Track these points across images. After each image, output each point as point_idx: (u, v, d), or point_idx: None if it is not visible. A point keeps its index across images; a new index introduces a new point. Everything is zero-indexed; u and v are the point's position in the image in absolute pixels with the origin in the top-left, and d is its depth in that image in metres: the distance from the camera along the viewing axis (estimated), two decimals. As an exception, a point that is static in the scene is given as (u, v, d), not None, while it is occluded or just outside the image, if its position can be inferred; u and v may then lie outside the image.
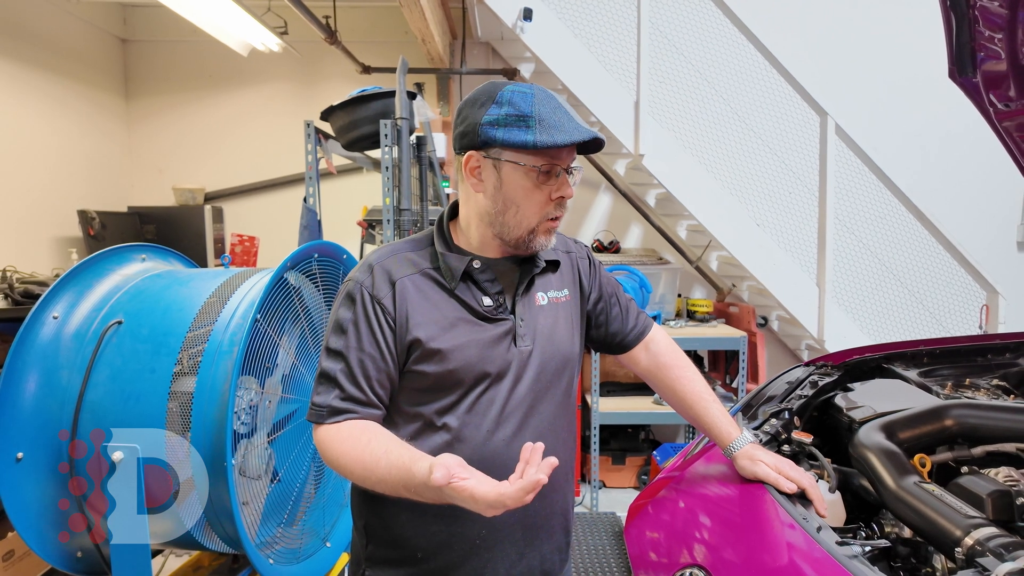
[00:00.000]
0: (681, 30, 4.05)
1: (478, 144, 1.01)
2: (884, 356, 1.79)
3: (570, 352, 1.14)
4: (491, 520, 0.99)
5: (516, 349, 1.06)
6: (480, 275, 1.06)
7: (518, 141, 0.97)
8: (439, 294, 1.05)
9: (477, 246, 1.09)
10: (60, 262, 4.00)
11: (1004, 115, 1.59)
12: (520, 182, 1.01)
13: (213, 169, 4.83)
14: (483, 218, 1.06)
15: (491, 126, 0.99)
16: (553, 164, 1.00)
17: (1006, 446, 1.22)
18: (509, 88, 1.00)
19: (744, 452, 1.19)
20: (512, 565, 1.07)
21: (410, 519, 1.05)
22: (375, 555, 1.09)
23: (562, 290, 1.16)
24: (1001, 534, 0.90)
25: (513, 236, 1.05)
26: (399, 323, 1.02)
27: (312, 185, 2.60)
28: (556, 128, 0.97)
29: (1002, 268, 4.17)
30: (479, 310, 1.05)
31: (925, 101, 4.46)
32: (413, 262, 1.06)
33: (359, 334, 1.01)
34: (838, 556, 0.91)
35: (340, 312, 1.04)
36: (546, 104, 0.99)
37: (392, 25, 4.63)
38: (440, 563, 1.06)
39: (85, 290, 1.57)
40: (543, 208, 1.03)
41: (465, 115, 1.03)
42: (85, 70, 4.38)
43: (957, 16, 1.47)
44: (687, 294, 4.61)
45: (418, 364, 1.02)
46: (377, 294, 1.02)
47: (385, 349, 1.01)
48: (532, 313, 1.09)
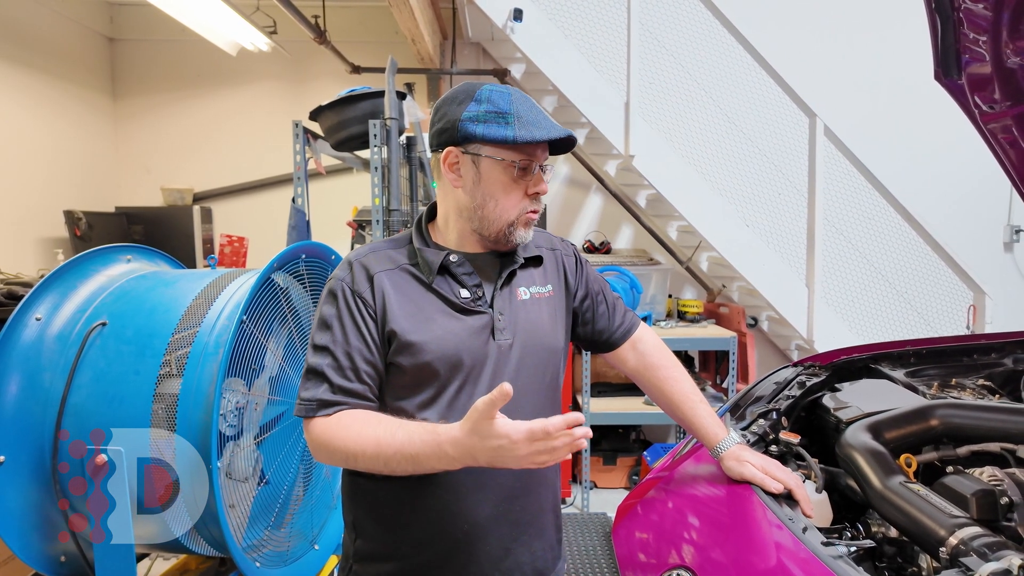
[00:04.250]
0: (671, 31, 4.07)
1: (457, 140, 1.03)
2: (871, 356, 1.80)
3: (553, 345, 1.15)
4: (474, 517, 1.02)
5: (495, 342, 1.06)
6: (457, 268, 1.07)
7: (498, 136, 1.00)
8: (416, 288, 1.06)
9: (455, 242, 1.10)
10: (46, 263, 3.96)
11: (989, 117, 1.60)
12: (499, 177, 1.03)
13: (202, 169, 4.80)
14: (461, 213, 1.08)
15: (471, 122, 1.01)
16: (530, 160, 1.03)
17: (990, 446, 1.23)
18: (487, 87, 1.03)
19: (731, 453, 1.19)
20: (498, 561, 1.07)
21: (395, 515, 1.06)
22: (363, 550, 1.10)
23: (546, 285, 1.16)
24: (985, 534, 0.91)
25: (492, 230, 1.06)
26: (379, 315, 1.03)
27: (300, 185, 2.59)
28: (534, 125, 1.01)
29: (989, 268, 4.21)
30: (456, 302, 1.06)
31: (912, 103, 4.49)
32: (391, 258, 1.08)
33: (344, 328, 1.02)
34: (823, 557, 0.91)
35: (324, 309, 1.05)
36: (523, 103, 1.03)
37: (382, 25, 4.62)
38: (425, 558, 1.06)
39: (69, 291, 1.56)
40: (520, 202, 1.06)
41: (443, 112, 1.05)
42: (71, 69, 4.34)
43: (942, 18, 1.47)
44: (678, 295, 4.63)
45: (395, 357, 1.03)
46: (357, 288, 1.04)
47: (370, 340, 1.03)
48: (513, 307, 1.10)
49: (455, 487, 1.03)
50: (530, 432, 0.84)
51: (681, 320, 4.08)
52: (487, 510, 1.04)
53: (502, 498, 1.07)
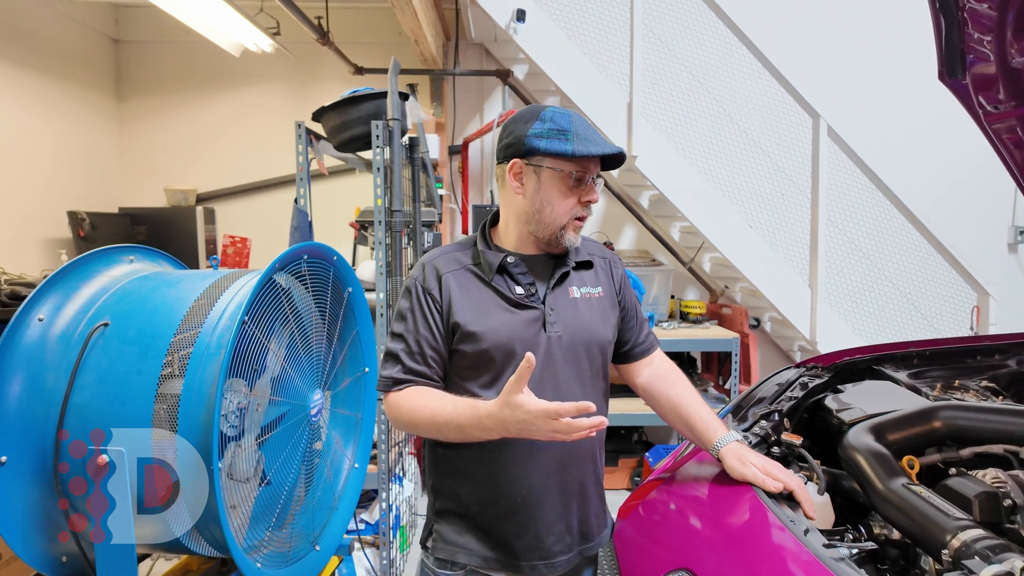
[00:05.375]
0: (674, 32, 4.06)
1: (523, 153, 1.20)
2: (874, 358, 1.79)
3: (602, 338, 1.28)
4: (529, 482, 1.21)
5: (545, 334, 1.21)
6: (514, 268, 1.24)
7: (558, 150, 1.16)
8: (477, 286, 1.23)
9: (514, 244, 1.28)
10: (50, 263, 3.97)
11: (993, 117, 1.59)
12: (557, 185, 1.20)
13: (205, 170, 4.81)
14: (520, 217, 1.25)
15: (536, 138, 1.18)
16: (584, 172, 1.19)
17: (994, 448, 1.23)
18: (551, 109, 1.21)
19: (732, 451, 1.22)
20: (551, 524, 1.23)
21: (465, 477, 1.25)
22: (441, 509, 1.29)
23: (596, 287, 1.31)
24: (988, 536, 0.90)
25: (546, 232, 1.23)
26: (445, 309, 1.22)
27: (303, 186, 2.59)
28: (589, 142, 1.17)
29: (993, 270, 4.19)
30: (512, 297, 1.22)
31: (916, 103, 4.48)
32: (457, 260, 1.26)
33: (415, 319, 1.22)
34: (825, 559, 0.90)
35: (401, 303, 1.26)
36: (580, 123, 1.19)
37: (385, 26, 4.62)
38: (491, 516, 1.23)
39: (71, 292, 1.56)
40: (572, 208, 1.21)
41: (511, 130, 1.22)
42: (77, 70, 4.35)
43: (946, 18, 1.47)
44: (680, 295, 4.62)
45: (459, 344, 1.21)
46: (428, 286, 1.23)
47: (436, 330, 1.22)
48: (564, 304, 1.25)
49: (512, 456, 1.20)
50: (545, 411, 0.98)
51: (684, 321, 4.07)
52: (539, 478, 1.22)
53: (551, 469, 1.22)
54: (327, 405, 1.87)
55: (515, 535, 1.22)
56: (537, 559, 1.23)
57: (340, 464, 1.98)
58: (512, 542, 1.22)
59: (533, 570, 1.23)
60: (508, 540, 1.22)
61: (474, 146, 4.66)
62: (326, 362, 1.80)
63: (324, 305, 1.78)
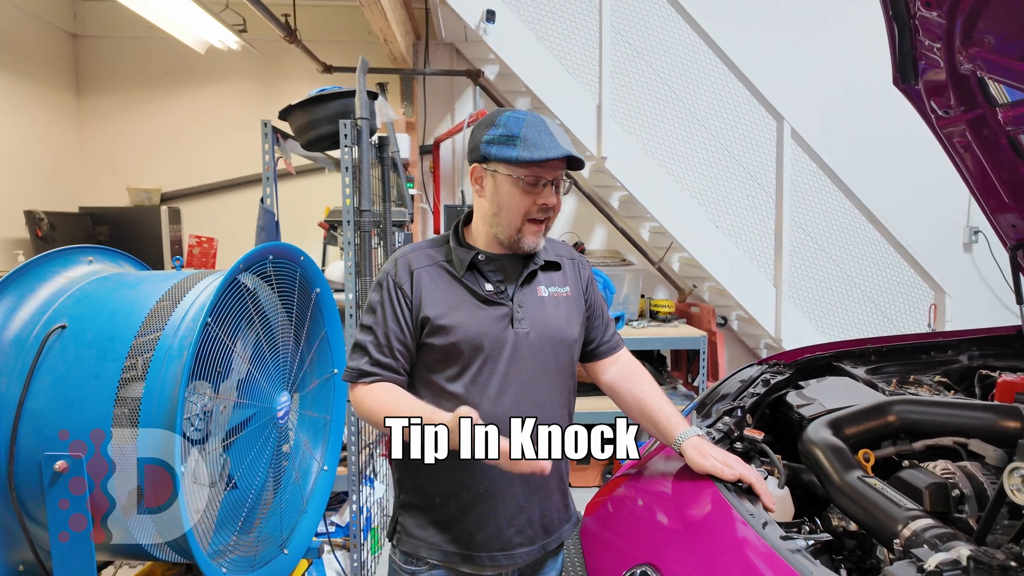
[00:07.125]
0: (642, 35, 4.11)
1: (479, 158, 1.24)
2: (834, 354, 1.84)
3: (567, 336, 1.31)
4: (491, 474, 1.21)
5: (513, 330, 1.24)
6: (484, 266, 1.27)
7: (505, 156, 1.20)
8: (448, 281, 1.26)
9: (484, 244, 1.30)
10: (6, 264, 3.84)
11: (945, 122, 1.65)
12: (508, 189, 1.22)
13: (170, 169, 4.70)
14: (485, 219, 1.28)
15: (488, 144, 1.22)
16: (537, 176, 1.21)
17: (944, 440, 1.27)
18: (508, 113, 1.24)
19: (693, 444, 1.24)
20: (513, 516, 1.25)
21: (432, 469, 1.24)
22: (406, 502, 1.31)
23: (564, 287, 1.35)
24: (936, 525, 0.94)
25: (505, 235, 1.26)
26: (415, 303, 1.24)
27: (269, 185, 2.56)
28: (536, 147, 1.19)
29: (949, 268, 4.33)
30: (481, 294, 1.25)
31: (876, 107, 4.60)
32: (430, 256, 1.29)
33: (384, 313, 1.25)
34: (781, 551, 0.93)
35: (371, 296, 1.29)
36: (532, 127, 1.21)
37: (354, 24, 4.58)
38: (453, 508, 1.25)
39: (27, 293, 1.51)
40: (526, 211, 1.23)
41: (475, 135, 1.27)
42: (33, 66, 4.22)
43: (899, 25, 1.52)
44: (650, 295, 4.68)
45: (428, 338, 1.23)
46: (399, 280, 1.25)
47: (404, 324, 1.24)
48: (532, 302, 1.28)
49: None
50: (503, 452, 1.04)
51: (653, 320, 4.12)
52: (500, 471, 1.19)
53: None
54: (295, 407, 1.85)
55: (476, 526, 1.24)
56: (497, 550, 1.25)
57: (309, 467, 1.96)
58: (473, 533, 1.24)
59: (493, 561, 1.25)
60: (469, 531, 1.24)
61: (445, 146, 4.65)
62: (293, 364, 1.78)
63: (291, 306, 1.76)
